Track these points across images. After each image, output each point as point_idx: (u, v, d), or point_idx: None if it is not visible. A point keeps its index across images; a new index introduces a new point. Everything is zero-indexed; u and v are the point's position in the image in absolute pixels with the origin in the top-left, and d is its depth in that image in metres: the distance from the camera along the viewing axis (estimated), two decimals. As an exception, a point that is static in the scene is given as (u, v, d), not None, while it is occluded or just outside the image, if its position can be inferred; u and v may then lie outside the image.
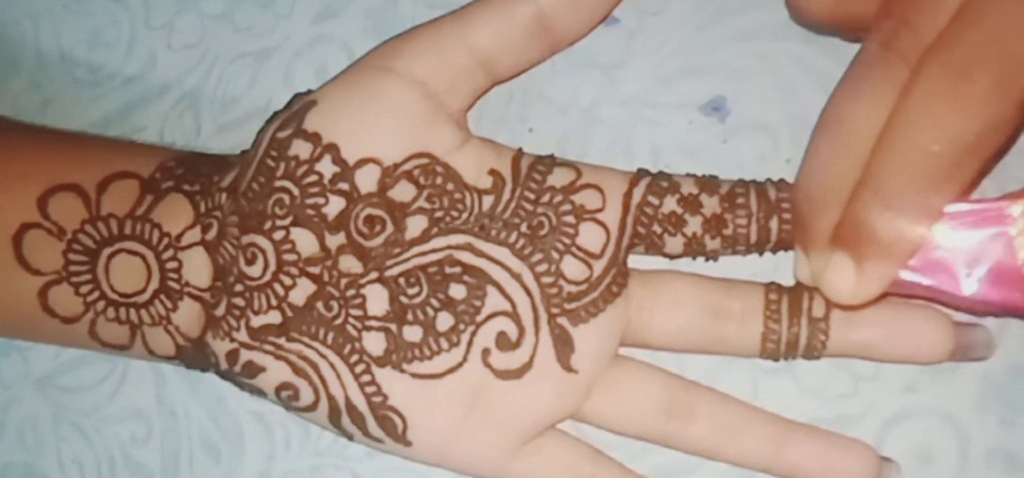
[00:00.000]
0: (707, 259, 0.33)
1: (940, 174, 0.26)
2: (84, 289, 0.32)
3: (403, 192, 0.31)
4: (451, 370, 0.32)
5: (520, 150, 0.33)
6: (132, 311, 0.32)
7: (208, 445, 0.36)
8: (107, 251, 0.32)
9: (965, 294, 0.28)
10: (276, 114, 0.32)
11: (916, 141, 0.26)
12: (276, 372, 0.32)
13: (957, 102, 0.25)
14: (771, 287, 0.32)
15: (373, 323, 0.31)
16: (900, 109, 0.26)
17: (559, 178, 0.32)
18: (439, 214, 0.31)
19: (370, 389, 0.31)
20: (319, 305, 0.31)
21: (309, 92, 0.32)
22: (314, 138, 0.31)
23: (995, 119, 0.25)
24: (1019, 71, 0.25)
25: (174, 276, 0.32)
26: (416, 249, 0.31)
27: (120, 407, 0.37)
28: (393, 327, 0.31)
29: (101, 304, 0.32)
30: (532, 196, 0.32)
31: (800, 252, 0.30)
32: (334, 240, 0.31)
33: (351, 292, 0.31)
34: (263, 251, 0.31)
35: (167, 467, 0.36)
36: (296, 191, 0.31)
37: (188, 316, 0.32)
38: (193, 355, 0.33)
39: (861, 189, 0.27)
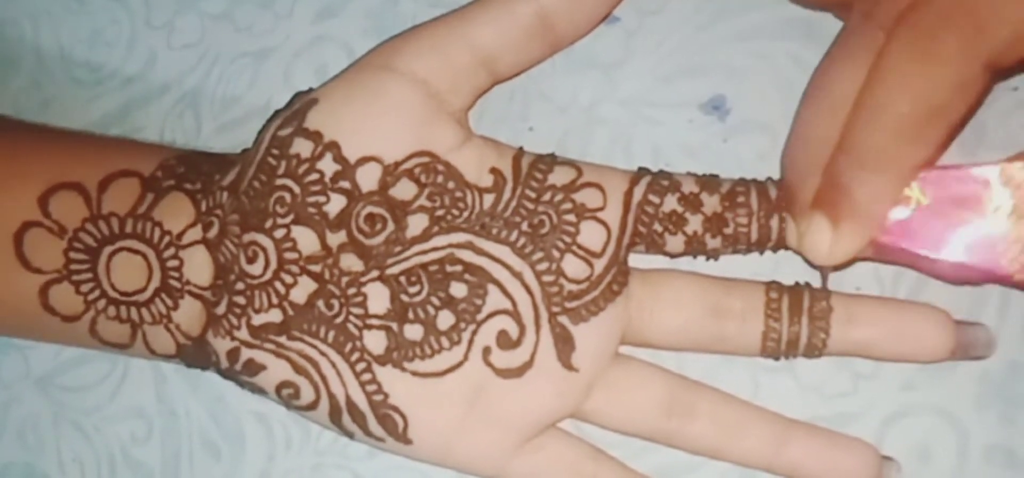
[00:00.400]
0: (708, 258, 0.33)
1: (910, 134, 0.27)
2: (85, 288, 0.32)
3: (404, 190, 0.31)
4: (452, 368, 0.32)
5: (521, 149, 0.33)
6: (133, 310, 0.32)
7: (208, 444, 0.36)
8: (108, 249, 0.32)
9: (943, 258, 0.29)
10: (277, 112, 0.32)
11: (886, 102, 0.27)
12: (277, 370, 0.32)
13: (925, 63, 0.26)
14: (772, 286, 0.32)
15: (374, 321, 0.31)
16: (873, 73, 0.27)
17: (560, 177, 0.32)
18: (440, 212, 0.31)
19: (371, 387, 0.31)
20: (320, 303, 0.31)
21: (310, 91, 0.32)
22: (315, 136, 0.31)
23: (961, 80, 0.26)
24: (984, 32, 0.26)
25: (175, 274, 0.32)
26: (417, 247, 0.31)
27: (120, 406, 0.37)
28: (394, 325, 0.31)
29: (102, 303, 0.32)
30: (533, 195, 0.32)
31: (790, 221, 0.31)
32: (335, 238, 0.31)
33: (352, 290, 0.31)
34: (264, 249, 0.31)
35: (167, 466, 0.36)
36: (297, 189, 0.31)
37: (189, 314, 0.32)
38: (194, 354, 0.32)
39: (837, 151, 0.28)
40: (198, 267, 0.32)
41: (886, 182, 0.28)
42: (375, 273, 0.31)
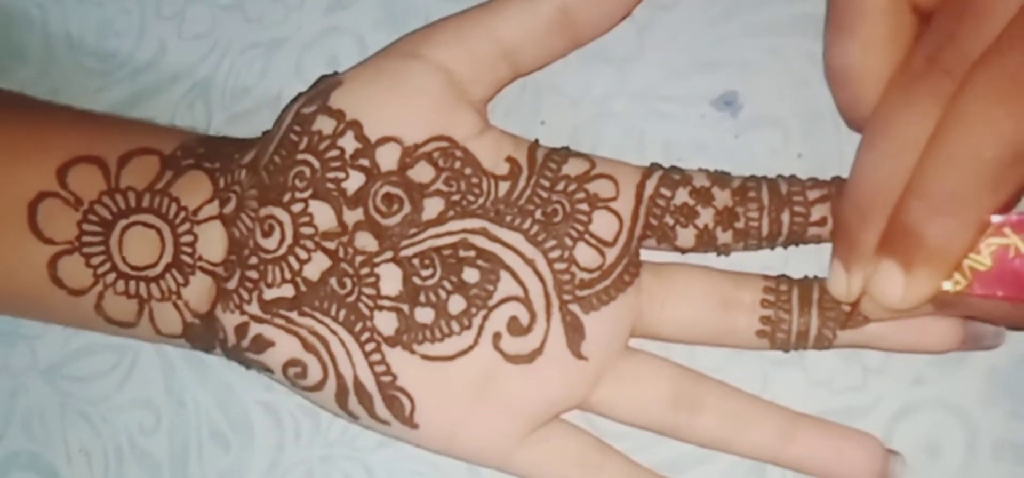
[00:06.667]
0: (718, 253, 0.33)
1: (990, 179, 0.26)
2: (95, 260, 0.32)
3: (422, 173, 0.31)
4: (461, 353, 0.32)
5: (536, 141, 0.33)
6: (141, 285, 0.32)
7: (217, 435, 0.36)
8: (122, 223, 0.32)
9: None
10: (301, 94, 0.32)
11: (967, 145, 0.26)
12: (285, 347, 0.32)
13: (1010, 107, 0.25)
14: (782, 279, 0.32)
15: (385, 302, 0.31)
16: (950, 115, 0.26)
17: (574, 167, 0.32)
18: (456, 197, 0.32)
19: (379, 368, 0.31)
20: (333, 281, 0.31)
21: (335, 74, 0.32)
22: (338, 115, 0.31)
23: None
24: None
25: (188, 250, 0.32)
26: (432, 231, 0.31)
27: (128, 396, 0.37)
28: (405, 307, 0.31)
29: (111, 276, 0.32)
30: (547, 184, 0.32)
31: (838, 266, 0.29)
32: (352, 216, 0.31)
33: (365, 270, 0.31)
34: (281, 223, 0.31)
35: (175, 457, 0.36)
36: (317, 164, 0.31)
37: (198, 291, 0.32)
38: (200, 332, 0.32)
39: (908, 195, 0.27)
40: (212, 243, 0.32)
41: (961, 228, 0.27)
42: (389, 254, 0.31)
